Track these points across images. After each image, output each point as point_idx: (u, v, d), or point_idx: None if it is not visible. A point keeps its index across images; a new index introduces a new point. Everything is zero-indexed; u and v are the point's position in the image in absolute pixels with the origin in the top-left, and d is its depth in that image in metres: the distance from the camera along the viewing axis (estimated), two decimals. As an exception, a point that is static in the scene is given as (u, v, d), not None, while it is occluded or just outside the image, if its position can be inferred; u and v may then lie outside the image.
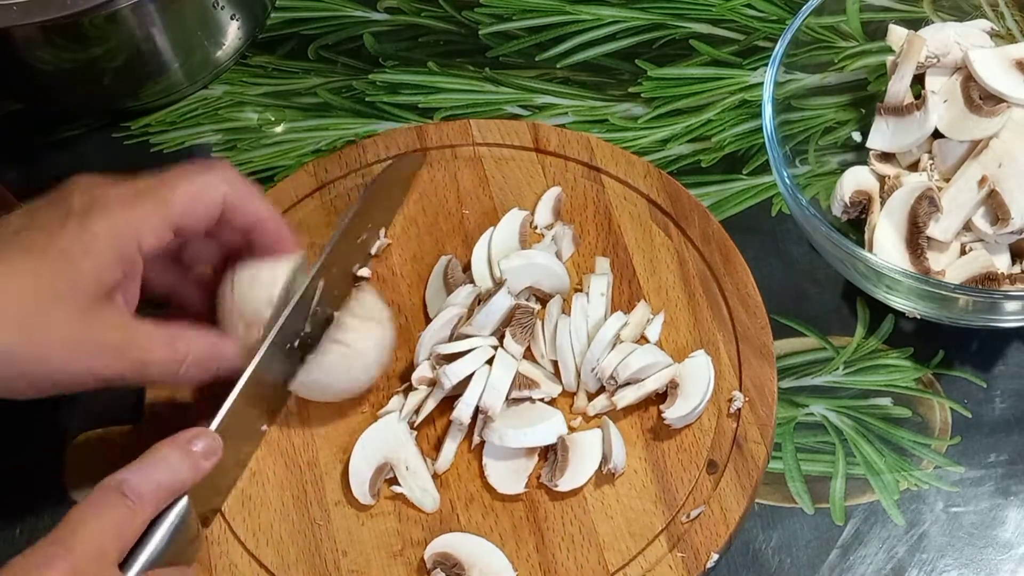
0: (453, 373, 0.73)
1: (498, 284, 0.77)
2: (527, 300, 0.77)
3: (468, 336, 0.75)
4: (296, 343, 0.73)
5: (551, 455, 0.74)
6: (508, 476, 0.73)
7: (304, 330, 0.73)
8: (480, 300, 0.77)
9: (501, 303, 0.75)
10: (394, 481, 0.74)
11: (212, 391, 0.71)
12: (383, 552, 0.72)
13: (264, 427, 0.75)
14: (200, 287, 0.74)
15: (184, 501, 0.64)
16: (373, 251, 0.82)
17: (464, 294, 0.78)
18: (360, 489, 0.73)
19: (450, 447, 0.74)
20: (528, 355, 0.77)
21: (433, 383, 0.75)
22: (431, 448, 0.75)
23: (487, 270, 0.79)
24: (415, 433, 0.75)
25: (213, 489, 0.69)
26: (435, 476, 0.74)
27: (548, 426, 0.73)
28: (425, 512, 0.73)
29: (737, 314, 0.78)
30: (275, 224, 0.72)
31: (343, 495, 0.74)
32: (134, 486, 0.62)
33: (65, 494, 0.76)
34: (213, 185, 0.68)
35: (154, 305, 0.72)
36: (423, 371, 0.75)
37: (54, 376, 0.64)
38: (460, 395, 0.74)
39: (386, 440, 0.74)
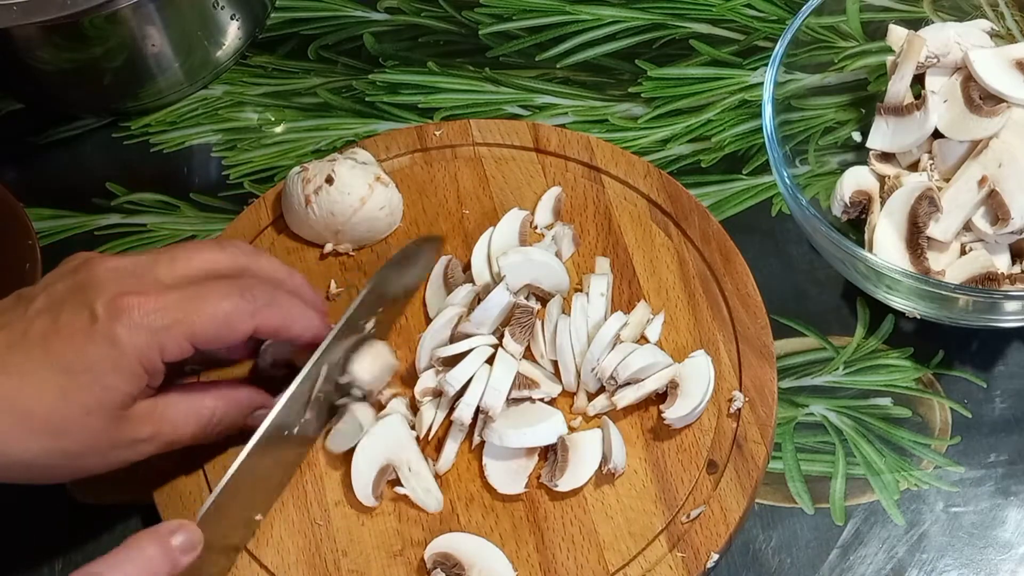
0: (455, 379, 0.73)
1: (496, 280, 0.77)
2: (526, 300, 0.77)
3: (467, 335, 0.75)
4: (295, 430, 0.72)
5: (551, 455, 0.74)
6: (508, 476, 0.73)
7: (304, 417, 0.73)
8: (479, 299, 0.77)
9: (499, 299, 0.75)
10: (397, 482, 0.73)
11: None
12: (383, 552, 0.72)
13: (259, 517, 0.73)
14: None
15: None
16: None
17: (463, 294, 0.78)
18: (363, 492, 0.73)
19: (451, 447, 0.74)
20: (528, 355, 0.77)
21: (438, 394, 0.74)
22: (431, 448, 0.75)
23: (487, 270, 0.79)
24: (416, 434, 0.75)
25: None
26: (436, 476, 0.74)
27: (548, 426, 0.73)
28: (426, 512, 0.73)
29: (737, 314, 0.78)
30: (311, 338, 0.71)
31: (343, 495, 0.74)
32: None
33: (65, 494, 0.76)
34: (242, 319, 0.67)
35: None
36: (426, 382, 0.75)
37: (88, 471, 0.67)
38: (460, 395, 0.74)
39: (387, 442, 0.74)
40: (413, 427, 0.75)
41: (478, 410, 0.73)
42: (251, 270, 0.71)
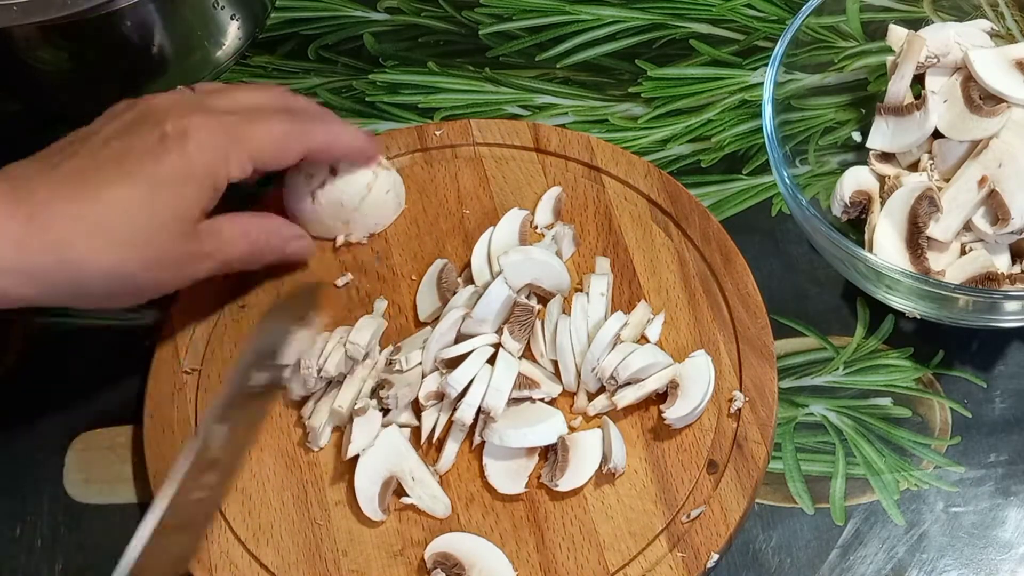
0: (457, 381, 0.73)
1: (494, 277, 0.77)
2: (527, 299, 0.77)
3: (470, 336, 0.75)
4: (198, 494, 0.69)
5: (551, 455, 0.74)
6: (508, 476, 0.73)
7: (203, 479, 0.69)
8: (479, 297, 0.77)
9: (498, 292, 0.75)
10: (402, 492, 0.73)
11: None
12: (383, 552, 0.72)
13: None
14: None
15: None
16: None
17: (466, 295, 0.78)
18: (370, 506, 0.72)
19: (451, 448, 0.74)
20: (528, 355, 0.77)
21: (441, 396, 0.74)
22: (432, 449, 0.75)
23: (487, 270, 0.79)
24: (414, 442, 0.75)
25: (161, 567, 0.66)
26: (447, 485, 0.74)
27: (548, 426, 0.73)
28: (425, 512, 0.73)
29: (737, 314, 0.78)
30: (360, 151, 0.79)
31: (343, 495, 0.74)
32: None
33: (65, 494, 0.76)
34: (296, 138, 0.74)
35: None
36: (429, 386, 0.74)
37: (160, 287, 0.72)
38: (462, 396, 0.73)
39: (387, 454, 0.73)
40: (413, 431, 0.75)
41: (479, 410, 0.73)
42: (293, 105, 0.77)
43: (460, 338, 0.76)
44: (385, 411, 0.75)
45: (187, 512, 0.67)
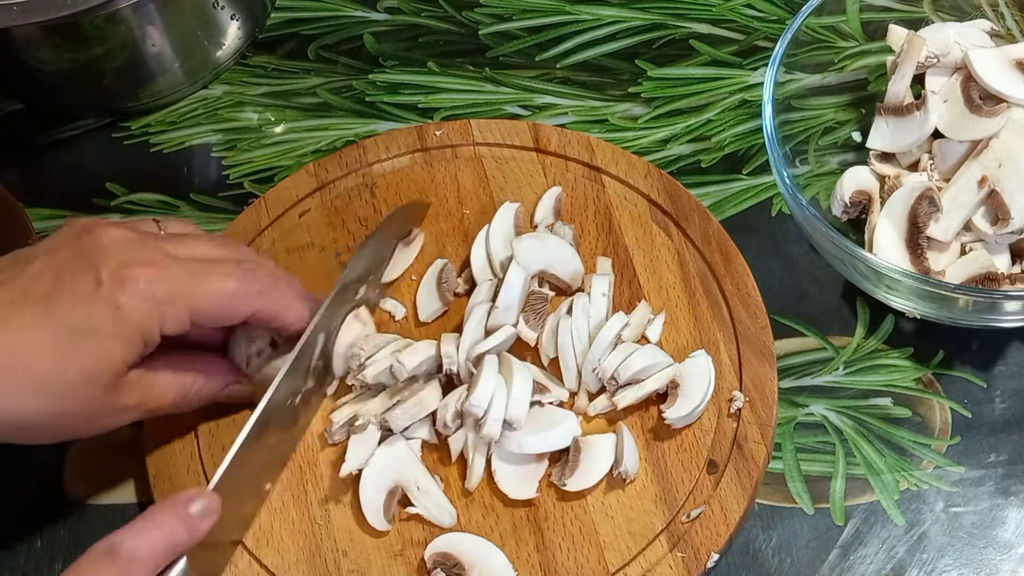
0: (479, 400, 0.71)
1: (504, 270, 0.77)
2: (540, 288, 0.77)
3: (497, 328, 0.75)
4: (298, 399, 0.73)
5: (563, 455, 0.73)
6: (519, 481, 0.73)
7: (305, 386, 0.73)
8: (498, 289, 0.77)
9: (516, 278, 0.75)
10: (407, 501, 0.73)
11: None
12: (383, 552, 0.72)
13: (268, 486, 0.73)
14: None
15: (182, 564, 0.62)
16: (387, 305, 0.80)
17: (485, 289, 0.77)
18: (375, 516, 0.72)
19: (479, 463, 0.73)
20: (535, 360, 0.77)
21: (460, 415, 0.73)
22: (438, 463, 0.75)
23: (487, 268, 0.79)
24: (420, 452, 0.74)
25: (214, 549, 0.67)
26: (447, 485, 0.74)
27: (564, 428, 0.72)
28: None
29: (737, 314, 0.78)
30: (298, 331, 0.72)
31: (344, 496, 0.74)
32: (127, 549, 0.60)
33: (65, 494, 0.76)
34: (244, 300, 0.69)
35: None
36: (447, 416, 0.73)
37: (73, 434, 0.68)
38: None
39: (391, 464, 0.73)
40: (427, 445, 0.75)
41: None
42: (252, 265, 0.71)
43: (488, 332, 0.76)
44: (388, 431, 0.74)
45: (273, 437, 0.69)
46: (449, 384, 0.75)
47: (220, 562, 0.70)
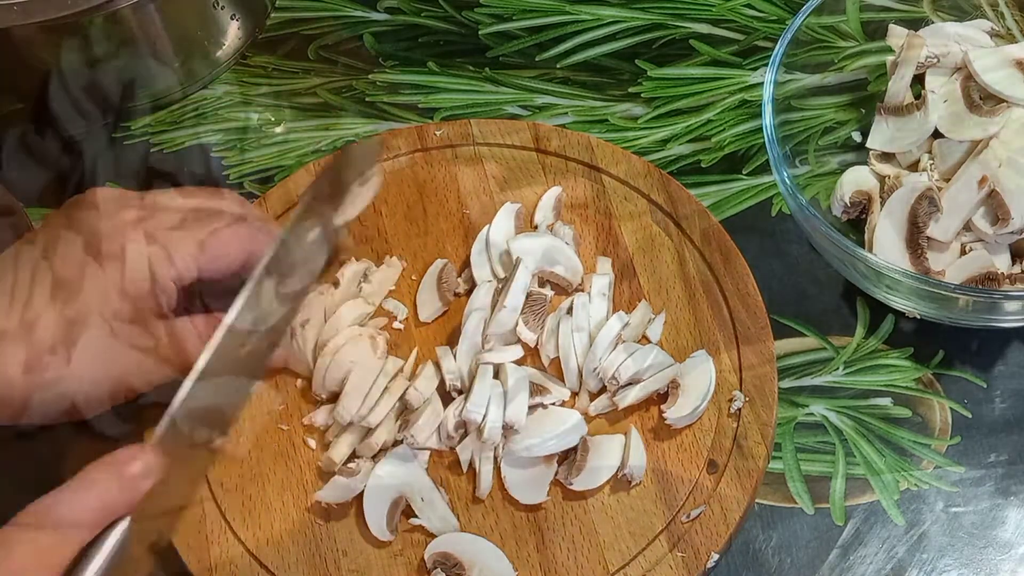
0: (476, 405, 0.72)
1: (505, 271, 0.77)
2: (540, 288, 0.77)
3: (500, 333, 0.75)
4: (246, 347, 0.68)
5: (570, 454, 0.73)
6: (530, 486, 0.73)
7: (259, 329, 0.69)
8: (499, 291, 0.77)
9: (523, 277, 0.75)
10: (411, 512, 0.73)
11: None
12: (383, 552, 0.72)
13: (219, 441, 0.68)
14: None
15: (124, 524, 0.59)
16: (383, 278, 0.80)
17: (483, 292, 0.77)
18: (378, 526, 0.72)
19: (487, 470, 0.73)
20: (535, 362, 0.77)
21: (464, 425, 0.73)
22: (445, 471, 0.75)
23: (487, 269, 0.79)
24: (426, 465, 0.74)
25: (160, 510, 0.63)
26: (447, 489, 0.74)
27: (571, 427, 0.73)
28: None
29: (737, 314, 0.78)
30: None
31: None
32: (61, 512, 0.58)
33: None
34: (243, 240, 0.71)
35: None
36: (449, 426, 0.73)
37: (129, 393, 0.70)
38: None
39: (396, 475, 0.73)
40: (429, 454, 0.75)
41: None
42: (241, 210, 0.73)
43: (491, 338, 0.75)
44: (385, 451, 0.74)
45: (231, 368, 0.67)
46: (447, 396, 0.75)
47: (167, 526, 0.66)
